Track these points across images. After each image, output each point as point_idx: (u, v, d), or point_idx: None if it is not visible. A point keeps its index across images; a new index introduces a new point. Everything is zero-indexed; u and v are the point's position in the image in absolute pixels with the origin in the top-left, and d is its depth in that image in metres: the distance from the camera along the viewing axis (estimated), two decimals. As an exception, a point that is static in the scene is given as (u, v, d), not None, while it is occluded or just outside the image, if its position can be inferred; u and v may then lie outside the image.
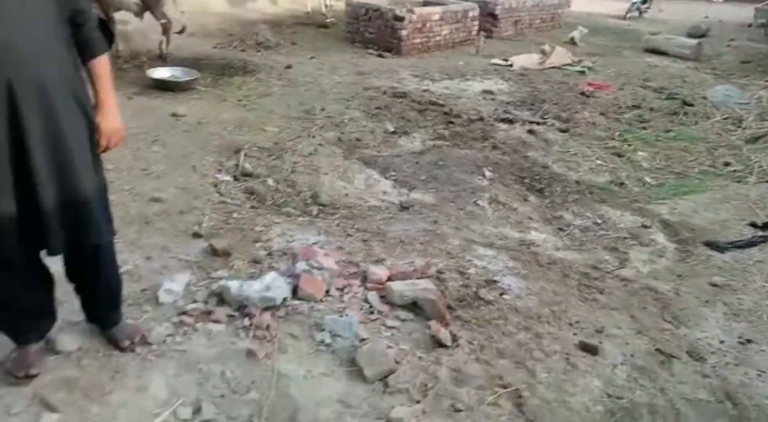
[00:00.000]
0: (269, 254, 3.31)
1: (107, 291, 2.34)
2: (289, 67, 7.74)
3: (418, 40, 9.40)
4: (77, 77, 1.97)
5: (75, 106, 1.95)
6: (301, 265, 3.02)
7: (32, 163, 1.86)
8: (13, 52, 1.75)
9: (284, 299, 2.77)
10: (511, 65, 8.86)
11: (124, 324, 2.46)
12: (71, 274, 2.30)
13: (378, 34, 9.37)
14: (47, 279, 2.25)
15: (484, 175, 5.04)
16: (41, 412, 2.13)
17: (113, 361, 2.39)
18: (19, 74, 1.77)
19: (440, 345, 2.64)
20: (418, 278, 3.07)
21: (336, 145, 5.34)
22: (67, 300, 2.48)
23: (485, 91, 7.53)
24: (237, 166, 4.62)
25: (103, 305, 2.38)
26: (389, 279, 3.06)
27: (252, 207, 4.09)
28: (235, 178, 4.50)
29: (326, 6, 11.04)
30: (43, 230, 1.96)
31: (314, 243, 3.42)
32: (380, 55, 9.01)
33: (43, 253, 2.12)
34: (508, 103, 7.21)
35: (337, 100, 6.64)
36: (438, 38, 9.75)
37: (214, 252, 3.21)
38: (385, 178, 4.87)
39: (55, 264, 2.29)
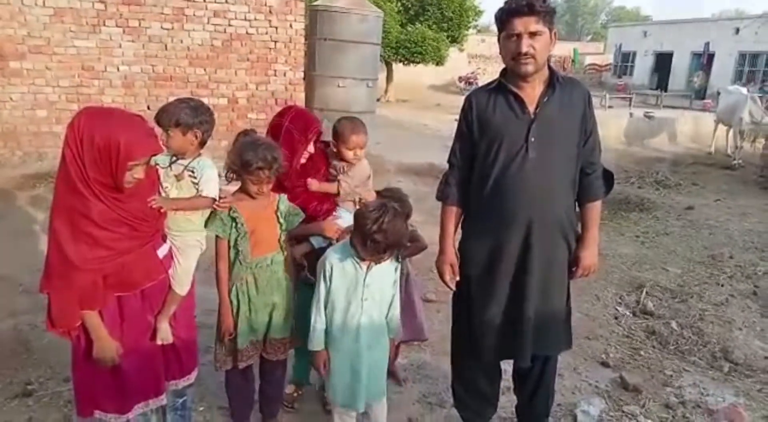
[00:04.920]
0: (682, 402, 3.18)
1: (543, 397, 2.61)
2: (690, 207, 7.48)
3: None
4: (573, 213, 2.37)
5: (565, 239, 2.33)
6: (725, 425, 2.82)
7: (528, 283, 2.27)
8: (540, 197, 2.22)
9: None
10: None
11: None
12: (517, 375, 2.64)
13: (802, 181, 8.32)
14: (500, 373, 2.65)
15: None
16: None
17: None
18: (538, 214, 2.23)
19: None
20: None
21: (750, 298, 4.85)
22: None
23: None
24: (638, 302, 4.62)
25: (535, 409, 2.65)
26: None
27: (653, 347, 4.00)
28: (634, 314, 4.49)
29: (736, 147, 10.38)
30: (518, 340, 2.33)
31: (734, 405, 3.14)
32: (802, 204, 7.94)
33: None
34: None
35: (747, 248, 6.08)
36: None
37: (624, 385, 3.26)
38: (817, 348, 4.17)
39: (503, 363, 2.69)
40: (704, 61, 25.81)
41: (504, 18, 2.17)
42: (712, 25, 27.11)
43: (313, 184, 2.63)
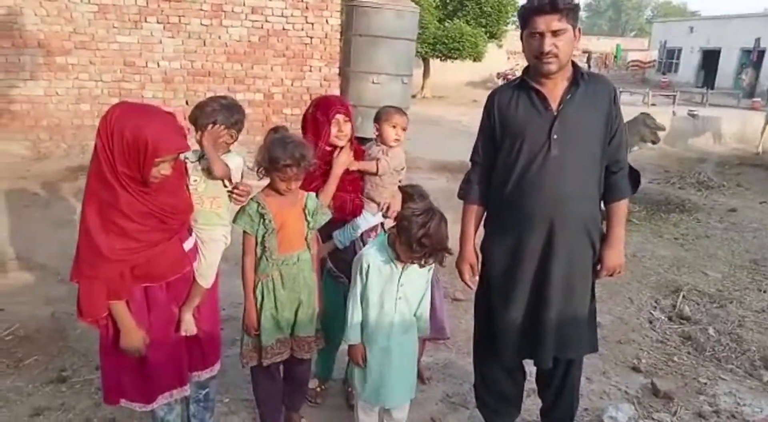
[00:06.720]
0: (716, 412, 3.07)
1: (567, 401, 2.55)
2: (733, 210, 7.22)
3: None
4: (597, 213, 2.31)
5: (589, 238, 2.28)
6: (760, 437, 2.71)
7: (550, 282, 2.23)
8: (562, 195, 2.17)
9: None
10: None
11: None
12: (540, 378, 2.60)
13: None
14: (524, 375, 2.60)
15: None
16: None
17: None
18: (560, 212, 2.18)
19: None
20: None
21: (794, 306, 4.65)
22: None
23: None
24: (674, 306, 4.49)
25: (559, 413, 2.59)
26: None
27: (688, 353, 3.88)
28: (670, 319, 4.37)
29: (785, 148, 9.99)
30: (538, 341, 2.29)
31: (772, 416, 3.02)
32: None
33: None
34: None
35: (793, 254, 5.83)
36: None
37: (655, 392, 3.17)
38: None
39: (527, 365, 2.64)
40: (754, 57, 24.88)
41: (526, 16, 2.13)
42: (762, 21, 26.06)
43: (353, 164, 2.65)
